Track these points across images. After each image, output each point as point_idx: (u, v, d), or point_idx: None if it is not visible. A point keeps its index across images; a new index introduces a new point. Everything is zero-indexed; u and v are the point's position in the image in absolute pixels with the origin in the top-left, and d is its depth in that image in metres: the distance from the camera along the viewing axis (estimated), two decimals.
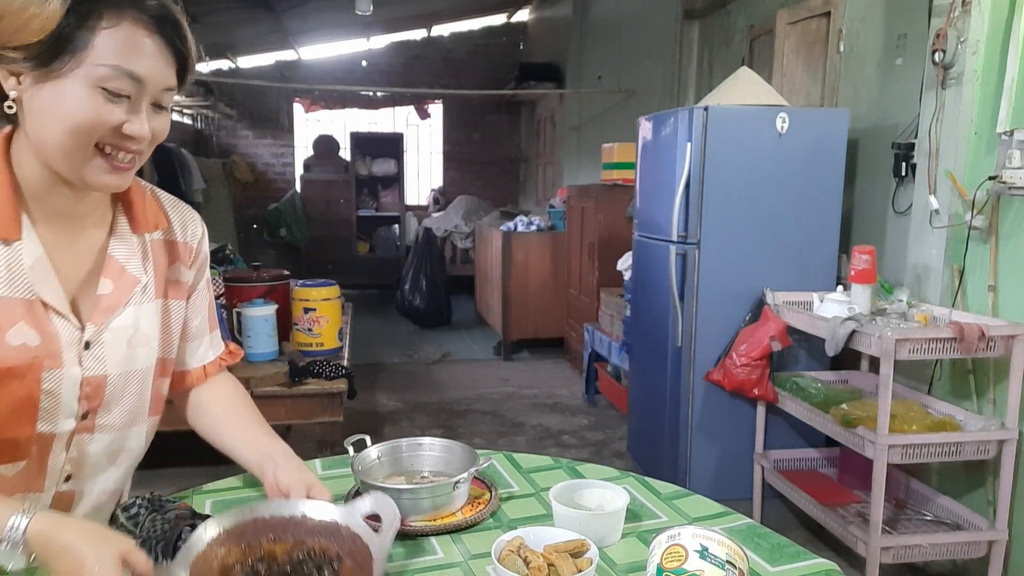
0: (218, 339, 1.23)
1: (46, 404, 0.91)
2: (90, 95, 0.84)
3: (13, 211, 0.90)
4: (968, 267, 2.47)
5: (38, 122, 0.86)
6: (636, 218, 3.44)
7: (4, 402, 0.88)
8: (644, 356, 3.39)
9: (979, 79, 2.41)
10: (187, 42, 0.90)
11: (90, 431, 0.98)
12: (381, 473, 1.23)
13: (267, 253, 8.35)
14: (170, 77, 0.90)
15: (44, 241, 0.93)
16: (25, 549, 0.80)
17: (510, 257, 5.65)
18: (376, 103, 9.56)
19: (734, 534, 1.05)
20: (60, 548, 0.79)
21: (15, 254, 0.90)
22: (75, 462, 0.98)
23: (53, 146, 0.86)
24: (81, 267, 0.97)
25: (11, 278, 0.89)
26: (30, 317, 0.90)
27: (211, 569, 0.89)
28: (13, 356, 0.88)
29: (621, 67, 6.16)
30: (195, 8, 6.35)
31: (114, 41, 0.84)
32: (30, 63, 0.83)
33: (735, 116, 2.87)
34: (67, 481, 0.99)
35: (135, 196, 1.03)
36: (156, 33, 0.87)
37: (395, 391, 4.80)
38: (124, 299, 0.99)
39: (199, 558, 0.89)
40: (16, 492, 0.94)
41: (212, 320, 1.20)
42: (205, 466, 3.31)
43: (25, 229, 0.91)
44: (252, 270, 3.07)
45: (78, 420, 0.95)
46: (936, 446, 2.21)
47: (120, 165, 0.90)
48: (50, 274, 0.92)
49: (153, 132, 0.91)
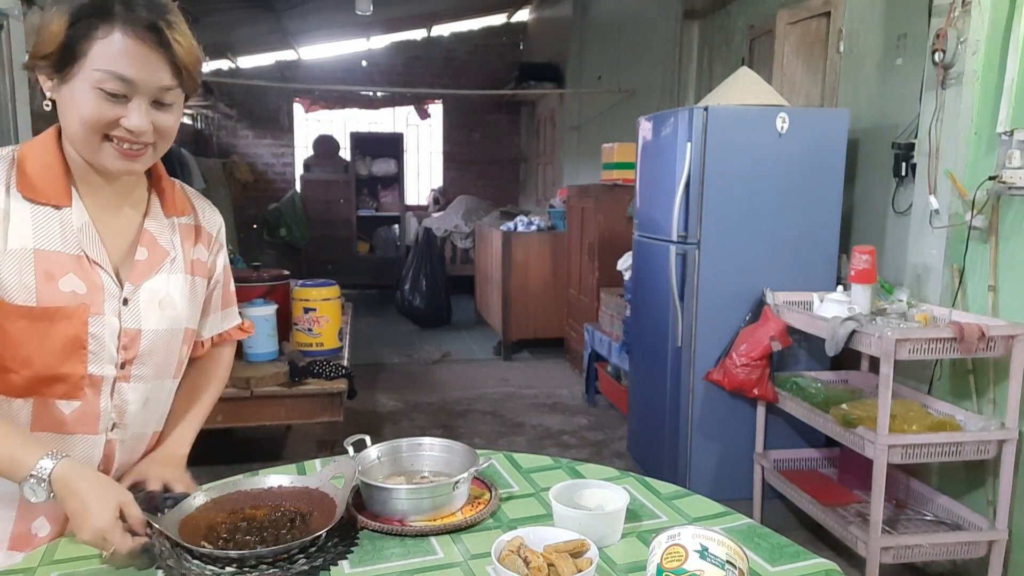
0: (232, 315, 1.37)
1: (93, 347, 1.08)
2: (91, 95, 1.00)
3: (64, 184, 1.08)
4: (968, 267, 2.47)
5: (63, 116, 1.04)
6: (636, 218, 3.44)
7: (58, 340, 1.05)
8: (644, 356, 3.39)
9: (979, 79, 2.41)
10: (176, 46, 1.02)
11: (127, 379, 1.13)
12: (381, 473, 1.23)
13: (267, 253, 8.35)
14: (163, 78, 1.02)
15: (91, 212, 1.10)
16: (47, 487, 0.98)
17: (510, 257, 5.65)
18: (376, 103, 9.57)
19: (734, 534, 1.05)
20: (72, 491, 0.98)
21: (67, 218, 1.08)
22: (118, 409, 1.14)
23: (72, 135, 1.04)
24: (122, 238, 1.14)
25: (64, 236, 1.07)
26: (79, 269, 1.07)
27: (198, 527, 1.04)
28: (64, 299, 1.05)
29: (621, 67, 6.16)
30: (195, 8, 6.35)
31: (107, 49, 0.99)
32: (51, 69, 1.02)
33: (735, 116, 2.87)
34: (113, 430, 1.14)
35: (166, 185, 1.21)
36: (145, 40, 0.99)
37: (395, 391, 4.80)
38: (156, 266, 1.16)
39: (187, 518, 1.05)
40: (76, 432, 1.10)
41: (227, 298, 1.35)
42: (205, 466, 3.31)
43: (74, 200, 1.09)
44: (252, 270, 3.07)
45: (117, 368, 1.11)
46: (936, 446, 2.21)
47: (128, 152, 1.04)
48: (95, 238, 1.10)
49: (157, 127, 1.04)
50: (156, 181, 1.20)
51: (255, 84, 8.08)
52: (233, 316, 1.38)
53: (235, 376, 2.61)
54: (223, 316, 1.35)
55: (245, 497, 1.13)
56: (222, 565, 0.97)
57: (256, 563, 0.97)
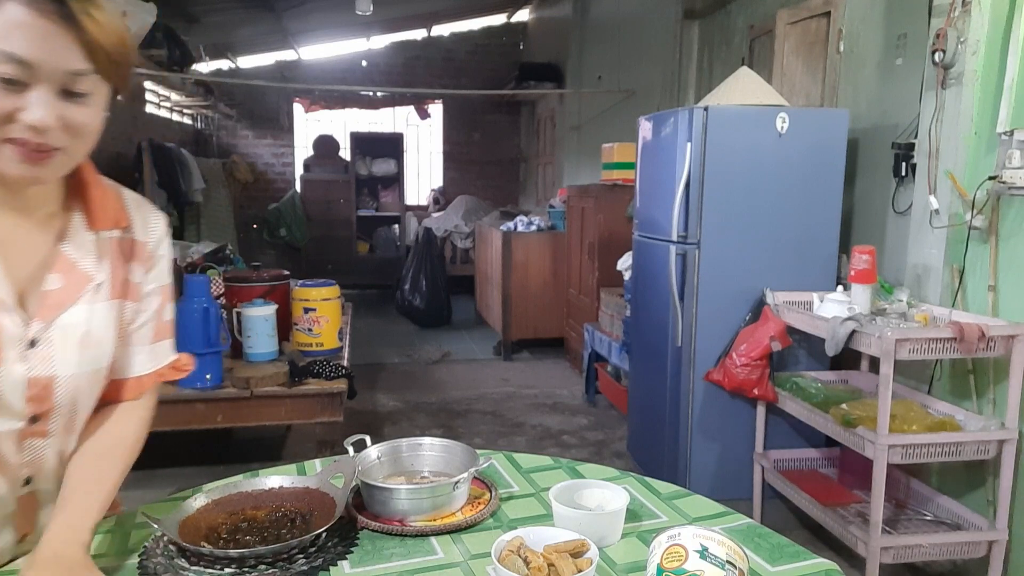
0: (165, 351, 1.11)
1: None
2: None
3: None
4: (968, 267, 2.47)
5: None
6: (636, 218, 3.44)
7: None
8: (644, 356, 3.39)
9: (979, 79, 2.41)
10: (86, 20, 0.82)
11: (43, 435, 0.95)
12: (381, 473, 1.23)
13: (267, 253, 8.35)
14: (72, 60, 0.82)
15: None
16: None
17: (510, 257, 5.65)
18: (376, 103, 9.57)
19: (734, 534, 1.05)
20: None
21: None
22: (32, 464, 0.97)
23: None
24: (30, 262, 0.93)
25: None
26: None
27: (198, 528, 1.02)
28: None
29: (621, 67, 6.16)
30: (195, 8, 6.36)
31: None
32: None
33: (735, 116, 2.87)
34: (27, 484, 0.98)
35: (94, 192, 0.98)
36: (46, 14, 0.80)
37: (395, 391, 4.80)
38: (75, 296, 0.95)
39: (187, 519, 1.03)
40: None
41: (162, 330, 1.09)
42: (205, 466, 3.32)
43: None
44: (252, 270, 3.07)
45: (27, 423, 0.93)
46: (936, 446, 2.21)
47: (31, 155, 0.83)
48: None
49: (67, 123, 0.84)
50: (82, 189, 0.98)
51: (255, 84, 8.08)
52: (167, 351, 1.11)
53: (235, 376, 2.61)
54: (152, 351, 1.08)
55: (246, 498, 1.12)
56: (221, 567, 0.97)
57: (256, 563, 0.97)
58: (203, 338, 2.50)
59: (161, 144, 5.86)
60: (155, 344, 1.09)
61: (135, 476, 1.20)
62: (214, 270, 3.44)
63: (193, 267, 3.59)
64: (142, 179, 5.45)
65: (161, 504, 1.14)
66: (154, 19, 4.53)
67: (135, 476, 1.20)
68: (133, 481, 1.22)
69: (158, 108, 6.94)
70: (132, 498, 1.17)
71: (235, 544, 1.01)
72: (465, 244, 8.13)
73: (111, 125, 0.94)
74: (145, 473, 2.80)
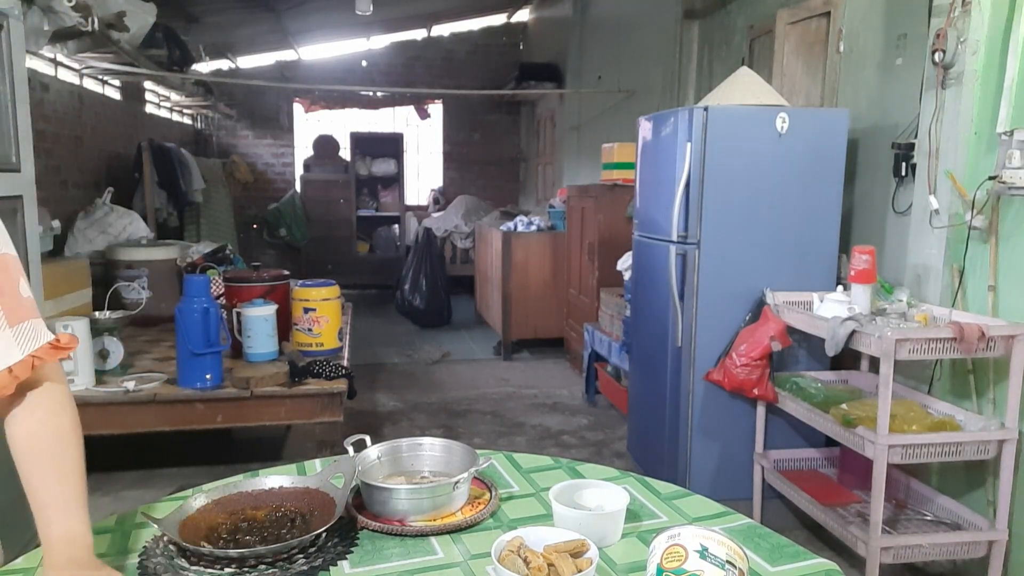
0: (32, 332, 0.94)
1: None
2: None
3: None
4: (968, 267, 2.47)
5: None
6: (636, 218, 3.44)
7: None
8: (644, 356, 3.39)
9: (979, 79, 2.41)
10: None
11: None
12: (381, 473, 1.23)
13: (267, 253, 8.35)
14: None
15: None
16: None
17: (510, 257, 5.65)
18: (376, 103, 9.57)
19: (734, 534, 1.05)
20: None
21: None
22: None
23: None
24: None
25: None
26: None
27: (198, 528, 1.03)
28: None
29: (621, 67, 6.16)
30: (195, 8, 6.36)
31: None
32: None
33: (735, 116, 2.87)
34: None
35: None
36: None
37: (395, 391, 4.80)
38: None
39: (187, 520, 1.04)
40: None
41: (20, 309, 0.93)
42: (205, 466, 3.31)
43: None
44: (252, 270, 3.07)
45: None
46: (936, 446, 2.21)
47: None
48: None
49: None
50: None
51: (255, 84, 8.08)
52: (36, 332, 0.94)
53: (235, 376, 2.61)
54: (15, 335, 0.92)
55: (246, 498, 1.12)
56: (221, 566, 0.97)
57: (256, 563, 0.97)
58: (203, 338, 2.50)
59: (161, 144, 5.85)
60: (16, 327, 0.92)
61: (135, 476, 1.20)
62: (214, 270, 3.45)
63: (193, 267, 3.59)
64: (142, 179, 5.44)
65: (161, 504, 1.14)
66: (154, 19, 4.53)
67: (135, 476, 1.20)
68: (133, 481, 1.22)
69: (158, 108, 6.94)
70: (132, 498, 1.17)
71: (235, 544, 1.01)
72: (465, 244, 8.13)
73: (111, 125, 0.90)
74: (145, 473, 2.79)
